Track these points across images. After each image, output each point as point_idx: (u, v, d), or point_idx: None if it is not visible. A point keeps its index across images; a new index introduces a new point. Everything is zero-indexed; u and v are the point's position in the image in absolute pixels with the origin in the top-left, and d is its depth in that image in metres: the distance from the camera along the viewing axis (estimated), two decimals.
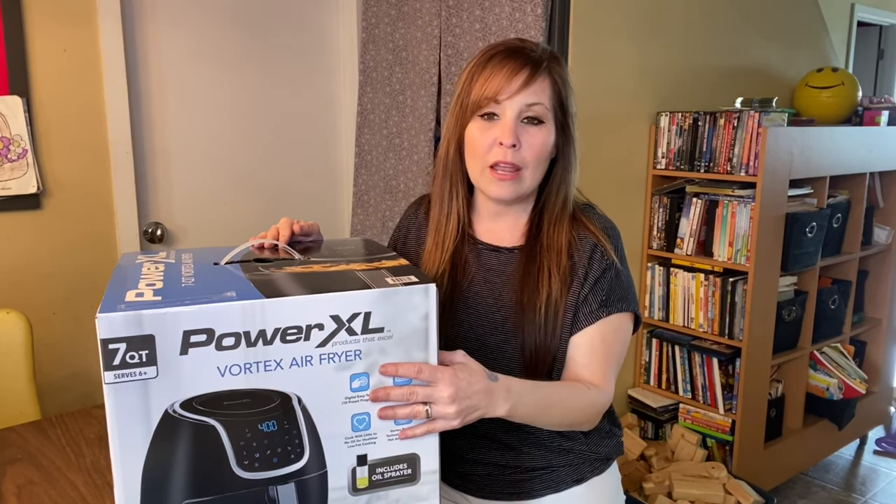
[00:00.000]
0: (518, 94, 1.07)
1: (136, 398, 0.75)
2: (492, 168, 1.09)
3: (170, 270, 0.90)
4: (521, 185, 1.11)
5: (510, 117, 1.08)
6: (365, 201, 2.65)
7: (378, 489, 0.87)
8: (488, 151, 1.09)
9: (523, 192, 1.12)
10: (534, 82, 1.08)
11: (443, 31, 2.31)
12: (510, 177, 1.09)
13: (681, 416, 2.62)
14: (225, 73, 2.39)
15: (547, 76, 1.10)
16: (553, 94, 1.10)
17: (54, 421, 1.50)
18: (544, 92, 1.09)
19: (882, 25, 4.20)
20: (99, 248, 2.14)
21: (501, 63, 1.09)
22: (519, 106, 1.08)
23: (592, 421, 1.10)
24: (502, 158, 1.08)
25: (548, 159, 1.13)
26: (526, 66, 1.08)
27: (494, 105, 1.08)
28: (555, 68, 1.11)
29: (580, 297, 1.11)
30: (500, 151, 1.08)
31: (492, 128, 1.09)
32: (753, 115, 2.34)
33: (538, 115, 1.09)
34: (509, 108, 1.08)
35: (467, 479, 1.20)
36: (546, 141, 1.10)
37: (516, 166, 1.09)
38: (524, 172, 1.10)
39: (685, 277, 2.56)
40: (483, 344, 1.14)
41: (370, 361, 0.84)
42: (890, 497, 2.83)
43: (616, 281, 1.12)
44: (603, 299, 1.10)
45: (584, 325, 1.10)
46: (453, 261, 1.18)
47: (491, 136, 1.09)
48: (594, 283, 1.11)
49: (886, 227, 3.10)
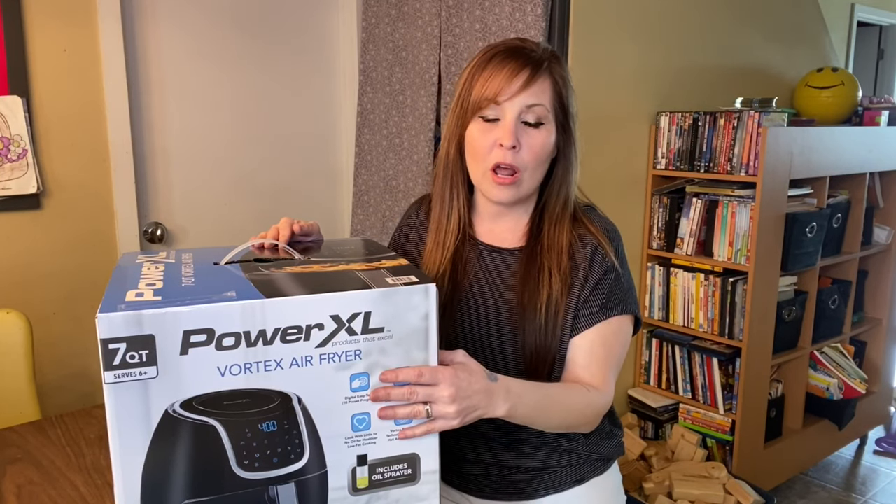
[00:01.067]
0: (518, 96, 1.07)
1: (136, 398, 0.76)
2: (493, 172, 1.09)
3: (170, 270, 0.90)
4: (521, 188, 1.11)
5: (510, 119, 1.07)
6: (365, 201, 2.65)
7: (378, 489, 0.87)
8: (489, 153, 1.09)
9: (523, 194, 1.12)
10: (534, 83, 1.08)
11: (443, 31, 2.31)
12: (509, 181, 1.09)
13: (681, 416, 2.62)
14: (225, 73, 2.39)
15: (548, 76, 1.09)
16: (554, 94, 1.10)
17: (54, 421, 1.50)
18: (545, 93, 1.09)
19: (882, 25, 4.20)
20: (99, 248, 2.14)
21: (502, 63, 1.09)
22: (519, 107, 1.07)
23: (592, 423, 1.10)
24: (502, 160, 1.08)
25: (548, 160, 1.12)
26: (526, 67, 1.08)
27: (495, 106, 1.08)
28: (555, 68, 1.11)
29: (580, 299, 1.11)
30: (500, 153, 1.08)
31: (492, 129, 1.09)
32: (753, 115, 2.34)
33: (539, 116, 1.08)
34: (509, 109, 1.07)
35: (468, 480, 1.20)
36: (546, 142, 1.10)
37: (515, 169, 1.08)
38: (523, 175, 1.10)
39: (685, 277, 2.56)
40: (484, 345, 1.14)
41: (370, 361, 0.84)
42: (890, 497, 2.83)
43: (616, 283, 1.12)
44: (603, 301, 1.10)
45: (585, 328, 1.10)
46: (454, 261, 1.18)
47: (491, 137, 1.09)
48: (595, 286, 1.11)
49: (886, 227, 3.10)
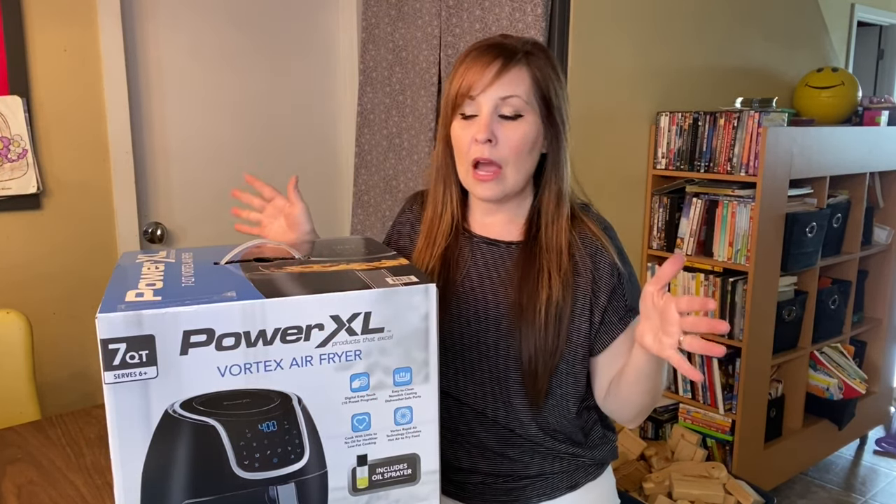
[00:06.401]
0: (490, 88, 1.06)
1: (136, 398, 0.75)
2: (474, 168, 1.09)
3: (170, 270, 0.90)
4: (505, 184, 1.10)
5: (486, 113, 1.07)
6: (365, 201, 2.65)
7: (378, 489, 0.87)
8: (468, 150, 1.09)
9: (508, 190, 1.11)
10: (506, 74, 1.07)
11: (443, 31, 2.31)
12: (490, 176, 1.08)
13: (681, 416, 2.62)
14: (225, 73, 2.39)
15: (523, 67, 1.08)
16: (533, 85, 1.08)
17: (54, 421, 1.50)
18: (520, 84, 1.07)
19: (882, 25, 4.20)
20: (99, 248, 2.14)
21: (475, 59, 1.09)
22: (493, 100, 1.07)
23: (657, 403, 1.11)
24: (479, 155, 1.07)
25: (531, 153, 1.10)
26: (498, 59, 1.07)
27: (470, 101, 1.08)
28: (534, 59, 1.09)
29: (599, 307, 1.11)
30: (478, 148, 1.07)
31: (471, 125, 1.08)
32: (753, 115, 2.34)
33: (515, 108, 1.07)
34: (484, 103, 1.07)
35: (461, 488, 1.19)
36: (525, 135, 1.08)
37: (496, 164, 1.08)
38: (505, 170, 1.08)
39: (685, 277, 2.56)
40: (479, 341, 1.13)
41: (370, 361, 0.83)
42: (890, 497, 2.83)
43: (630, 284, 1.14)
44: (626, 304, 1.12)
45: (619, 331, 1.12)
46: (445, 257, 1.17)
47: (469, 133, 1.08)
48: (611, 293, 1.12)
49: (886, 227, 3.10)
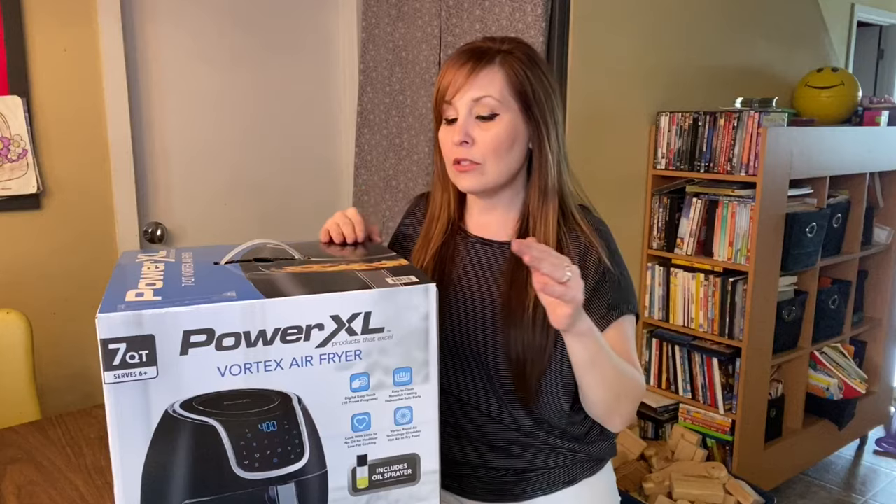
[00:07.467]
0: (463, 90, 1.09)
1: (136, 398, 0.75)
2: (455, 164, 1.12)
3: (170, 270, 0.90)
4: (486, 177, 1.12)
5: (463, 115, 1.10)
6: (365, 201, 2.65)
7: (378, 489, 0.87)
8: (450, 152, 1.13)
9: (489, 183, 1.12)
10: (477, 75, 1.08)
11: (443, 31, 2.31)
12: (470, 168, 1.11)
13: (681, 416, 2.62)
14: (225, 73, 2.39)
15: (496, 67, 1.09)
16: (508, 84, 1.09)
17: (54, 421, 1.50)
18: (493, 84, 1.09)
19: (882, 25, 4.19)
20: (99, 248, 2.14)
21: (450, 65, 1.12)
22: (468, 103, 1.09)
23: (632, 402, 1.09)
24: (457, 156, 1.11)
25: (511, 150, 1.11)
26: (468, 62, 1.10)
27: (448, 106, 1.11)
28: (509, 58, 1.10)
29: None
30: (456, 150, 1.11)
31: (452, 129, 1.12)
32: (753, 115, 2.34)
33: (490, 108, 1.09)
34: (460, 106, 1.10)
35: (459, 481, 1.19)
36: (499, 134, 1.09)
37: (473, 161, 1.11)
38: (485, 166, 1.11)
39: (685, 277, 2.56)
40: (471, 339, 1.14)
41: (370, 361, 0.84)
42: (890, 497, 2.83)
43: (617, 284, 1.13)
44: (609, 304, 1.11)
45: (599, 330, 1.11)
46: (440, 255, 1.19)
47: (450, 137, 1.12)
48: (593, 289, 1.11)
49: (886, 227, 3.10)
